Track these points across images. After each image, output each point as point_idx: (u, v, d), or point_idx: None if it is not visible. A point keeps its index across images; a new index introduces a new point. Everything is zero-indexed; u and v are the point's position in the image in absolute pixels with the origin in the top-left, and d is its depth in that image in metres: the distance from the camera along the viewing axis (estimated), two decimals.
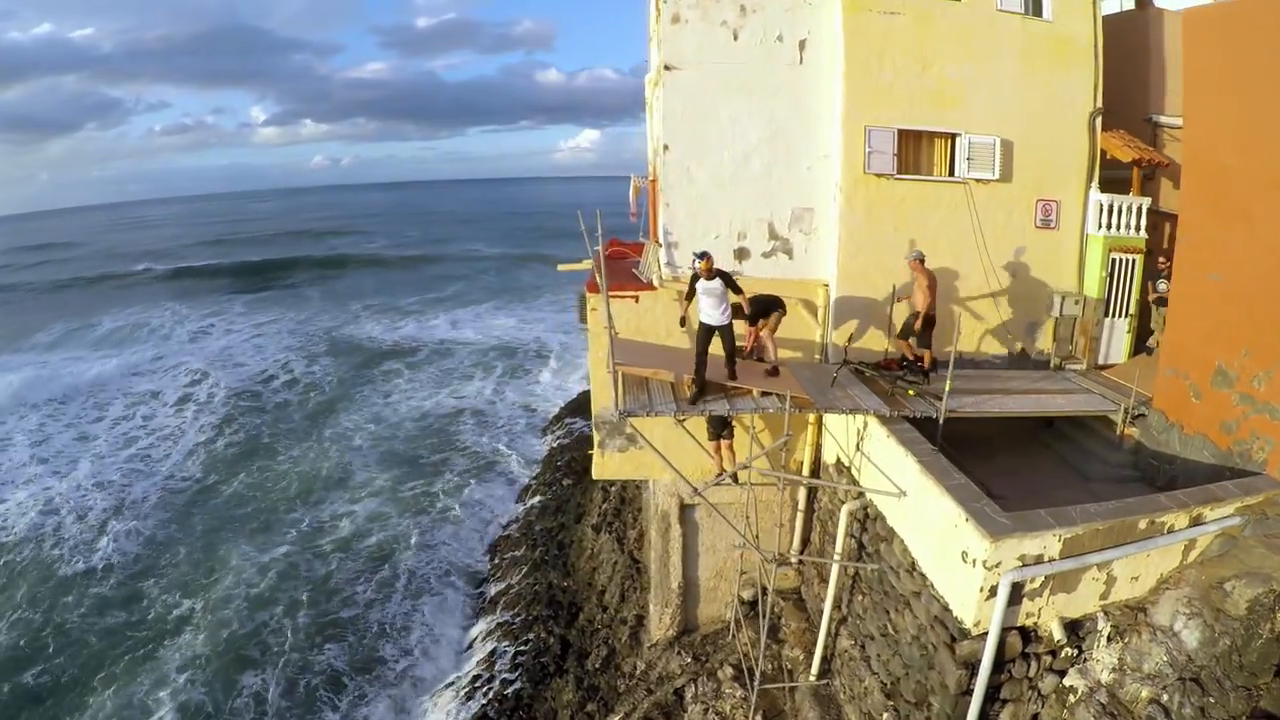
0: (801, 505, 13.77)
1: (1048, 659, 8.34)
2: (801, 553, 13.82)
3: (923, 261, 11.50)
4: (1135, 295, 12.94)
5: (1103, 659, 8.20)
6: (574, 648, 17.71)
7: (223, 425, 33.09)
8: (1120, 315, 13.08)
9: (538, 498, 26.71)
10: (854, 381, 11.57)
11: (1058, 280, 13.07)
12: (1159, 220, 13.43)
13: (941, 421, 10.41)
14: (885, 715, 9.61)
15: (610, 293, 12.14)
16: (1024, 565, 7.77)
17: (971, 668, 8.07)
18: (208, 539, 23.96)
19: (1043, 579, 7.90)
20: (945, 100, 11.92)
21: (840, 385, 11.31)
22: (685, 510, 13.78)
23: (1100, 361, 13.23)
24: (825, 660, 11.70)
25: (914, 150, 12.26)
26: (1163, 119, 13.43)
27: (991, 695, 8.20)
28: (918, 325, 11.61)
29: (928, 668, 8.75)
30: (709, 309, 10.40)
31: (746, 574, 13.98)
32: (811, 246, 12.63)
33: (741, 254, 12.58)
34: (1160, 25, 13.23)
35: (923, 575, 9.05)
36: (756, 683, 11.40)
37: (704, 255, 10.15)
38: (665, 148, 11.85)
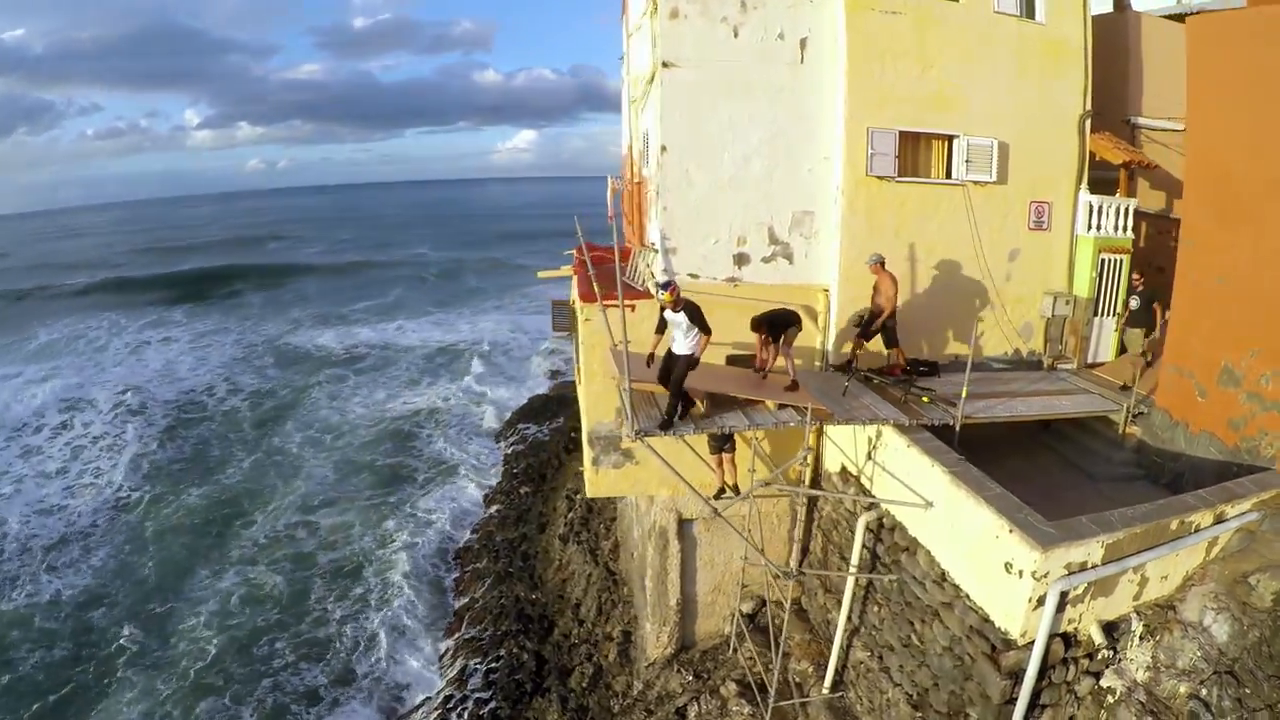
0: (801, 516, 13.55)
1: (1085, 662, 8.25)
2: (801, 563, 13.59)
3: (883, 265, 11.45)
4: (1122, 294, 13.08)
5: (1137, 658, 8.15)
6: (551, 664, 17.26)
7: (169, 440, 31.83)
8: (1109, 314, 13.21)
9: (496, 507, 26.30)
10: (865, 390, 11.36)
11: (1049, 281, 13.12)
12: (1135, 220, 13.59)
13: (958, 429, 10.30)
14: None
15: (606, 303, 11.77)
16: (1070, 574, 7.64)
17: (1015, 677, 7.92)
18: (161, 560, 22.80)
19: (1085, 585, 7.77)
20: (944, 102, 11.83)
21: (852, 394, 11.08)
22: (684, 525, 13.42)
23: (1090, 360, 13.34)
24: (838, 672, 11.45)
25: (913, 152, 12.15)
26: (1141, 121, 13.62)
27: (1031, 701, 8.05)
28: (876, 326, 11.60)
29: (964, 678, 8.54)
30: (677, 339, 9.67)
31: (747, 587, 13.69)
32: (812, 251, 12.41)
33: (741, 259, 12.29)
34: (1139, 28, 13.42)
35: (955, 586, 8.84)
36: (771, 700, 11.09)
37: (668, 285, 9.33)
38: (663, 149, 11.47)
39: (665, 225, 11.93)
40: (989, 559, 8.15)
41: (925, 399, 10.95)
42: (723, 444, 11.62)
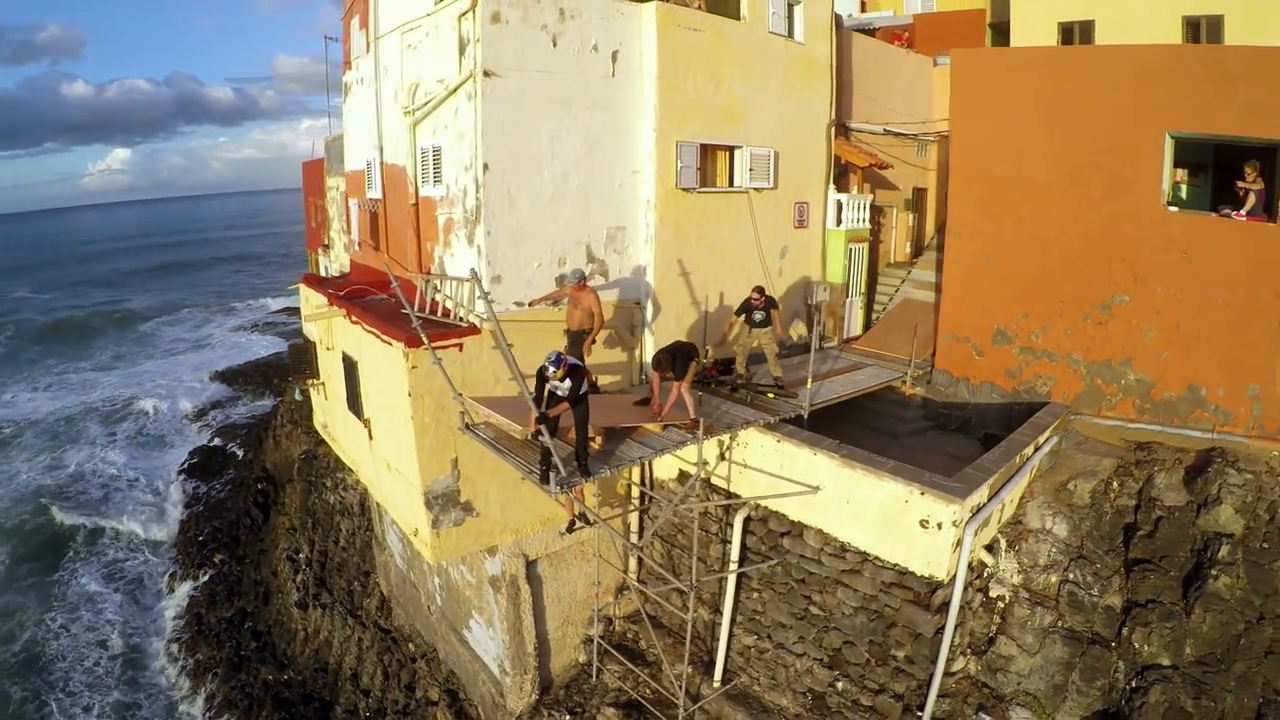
0: (635, 527, 13.58)
1: (976, 582, 9.79)
2: (639, 574, 13.65)
3: (585, 281, 10.85)
4: (865, 277, 15.34)
5: (1009, 567, 9.95)
6: None
7: None
8: (856, 295, 15.40)
9: (192, 583, 23.27)
10: (709, 396, 11.69)
11: (809, 271, 14.81)
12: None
13: (807, 417, 11.22)
14: (840, 684, 10.14)
15: (434, 344, 10.45)
16: (972, 515, 8.96)
17: (943, 610, 9.13)
18: None
19: (980, 522, 9.10)
20: (732, 115, 12.53)
21: (705, 404, 11.34)
22: (530, 567, 12.58)
23: (846, 336, 15.42)
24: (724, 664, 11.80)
25: (706, 164, 12.69)
26: (853, 125, 15.90)
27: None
28: (590, 345, 11.07)
29: (887, 627, 9.57)
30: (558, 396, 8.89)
31: (603, 610, 13.37)
32: (624, 265, 12.31)
33: (563, 281, 11.70)
34: (850, 46, 15.56)
35: (861, 553, 9.75)
36: (683, 711, 11.04)
37: (559, 361, 8.57)
38: (485, 167, 10.39)
39: (489, 251, 10.86)
40: (900, 521, 9.19)
41: (770, 395, 11.69)
42: None
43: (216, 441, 32.57)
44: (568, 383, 8.62)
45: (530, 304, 11.24)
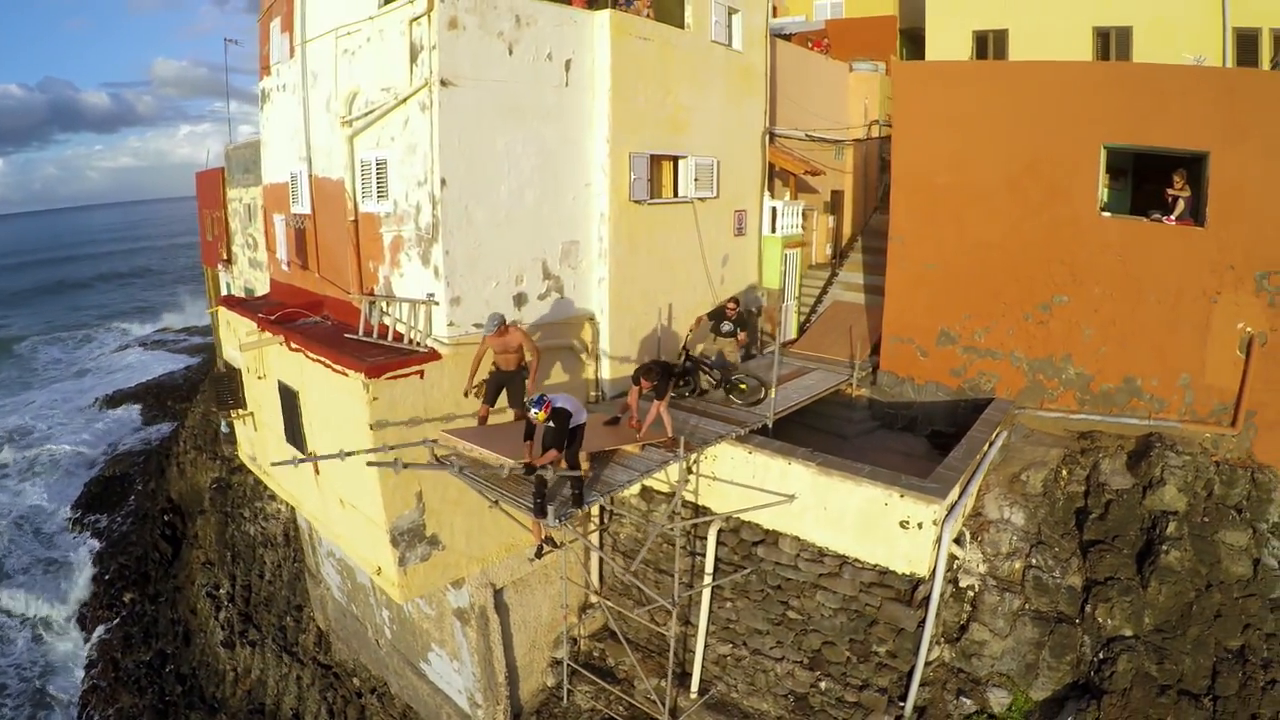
0: (596, 543, 13.40)
1: (947, 574, 10.20)
2: (600, 590, 13.50)
3: (506, 323, 9.94)
4: (799, 281, 15.72)
5: (974, 557, 10.45)
6: None
7: None
8: (791, 299, 15.75)
9: (102, 628, 21.77)
10: (678, 410, 11.67)
11: (748, 278, 15.04)
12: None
13: (772, 426, 11.40)
14: (824, 683, 10.40)
15: (393, 373, 9.99)
16: (948, 512, 9.40)
17: (924, 604, 9.58)
18: None
19: (953, 518, 9.58)
20: (678, 125, 12.50)
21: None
22: (498, 595, 12.17)
23: (782, 340, 15.73)
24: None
25: (654, 174, 12.62)
26: (778, 131, 16.22)
27: None
28: (533, 382, 10.33)
29: (868, 625, 9.93)
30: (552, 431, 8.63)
31: (573, 630, 13.12)
32: (579, 281, 12.09)
33: (520, 299, 11.34)
34: (775, 54, 15.83)
35: (839, 556, 10.05)
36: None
37: (541, 403, 8.31)
38: (443, 182, 9.90)
39: (448, 272, 10.38)
40: (880, 524, 9.56)
41: (743, 386, 11.81)
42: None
43: (113, 471, 29.97)
44: (550, 425, 8.42)
45: (471, 393, 10.36)
